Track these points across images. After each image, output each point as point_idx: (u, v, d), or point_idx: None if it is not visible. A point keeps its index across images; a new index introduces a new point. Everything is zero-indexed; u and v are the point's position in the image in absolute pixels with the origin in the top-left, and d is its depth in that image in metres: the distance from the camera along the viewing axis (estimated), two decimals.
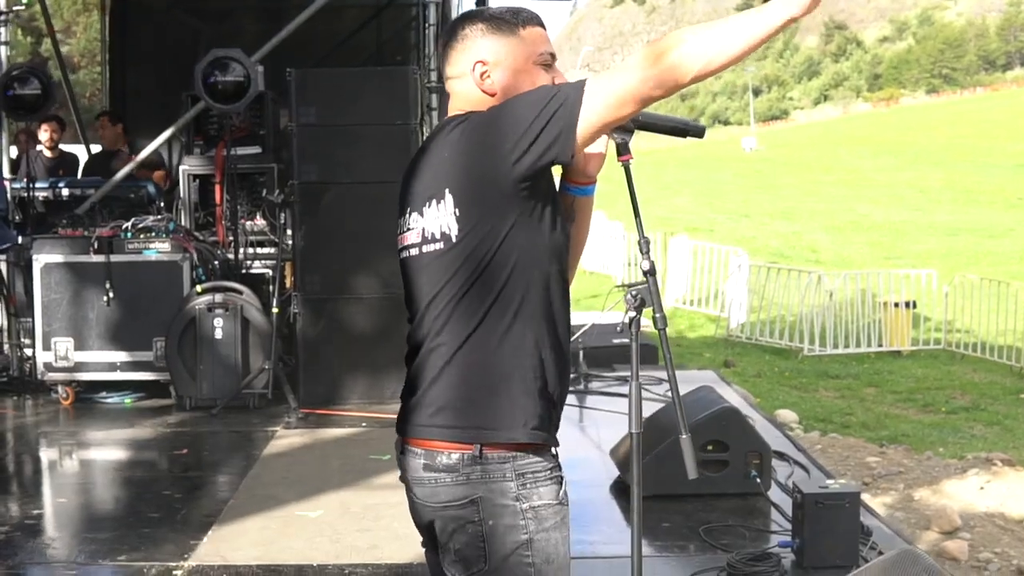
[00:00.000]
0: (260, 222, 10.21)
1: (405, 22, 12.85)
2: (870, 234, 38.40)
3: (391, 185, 9.04)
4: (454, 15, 11.14)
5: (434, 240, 2.99)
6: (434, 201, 2.98)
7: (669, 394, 8.75)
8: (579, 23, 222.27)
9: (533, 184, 2.88)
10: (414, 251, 3.07)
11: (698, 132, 3.22)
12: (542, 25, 3.13)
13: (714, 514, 6.21)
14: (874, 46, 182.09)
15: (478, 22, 3.09)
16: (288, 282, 9.83)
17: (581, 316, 18.50)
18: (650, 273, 3.05)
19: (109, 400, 9.61)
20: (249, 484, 7.15)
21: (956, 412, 15.57)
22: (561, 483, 3.03)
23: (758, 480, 6.52)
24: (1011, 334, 19.04)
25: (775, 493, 6.62)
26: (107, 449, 8.52)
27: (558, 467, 3.04)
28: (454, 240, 2.94)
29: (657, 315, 3.03)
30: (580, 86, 2.81)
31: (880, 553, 5.76)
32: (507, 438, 2.96)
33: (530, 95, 2.89)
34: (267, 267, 10.06)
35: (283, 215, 9.58)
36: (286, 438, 8.36)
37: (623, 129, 3.09)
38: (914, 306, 19.98)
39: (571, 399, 9.91)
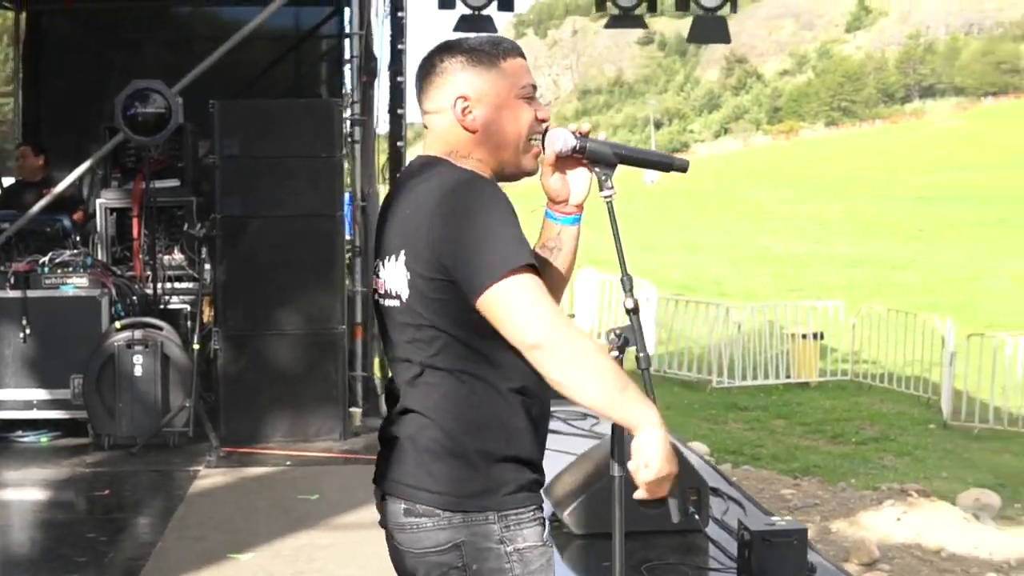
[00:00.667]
0: (178, 256, 10.05)
1: (319, 55, 12.78)
2: (773, 266, 38.88)
3: (316, 218, 9.16)
4: (376, 48, 11.09)
5: (392, 296, 2.95)
6: (393, 256, 2.93)
7: (594, 429, 8.81)
8: None
9: None
10: (382, 301, 3.02)
11: (682, 167, 3.15)
12: (522, 55, 3.05)
13: (654, 551, 6.17)
14: (774, 79, 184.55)
15: (458, 55, 2.98)
16: (206, 317, 9.68)
17: None
18: (634, 312, 2.99)
19: (25, 439, 9.33)
20: (175, 526, 6.99)
21: (866, 443, 15.76)
22: (544, 525, 2.97)
23: (696, 516, 6.50)
24: (918, 364, 19.31)
25: (712, 529, 6.61)
26: (24, 489, 8.30)
27: (541, 509, 2.98)
28: (404, 300, 2.90)
29: (641, 355, 2.95)
30: (523, 283, 2.75)
31: None
32: (481, 506, 2.89)
33: (496, 237, 2.79)
34: (185, 302, 9.86)
35: (204, 249, 9.44)
36: (209, 477, 8.18)
37: (605, 164, 3.06)
38: (821, 337, 20.20)
39: None
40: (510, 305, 2.73)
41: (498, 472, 2.89)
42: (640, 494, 2.81)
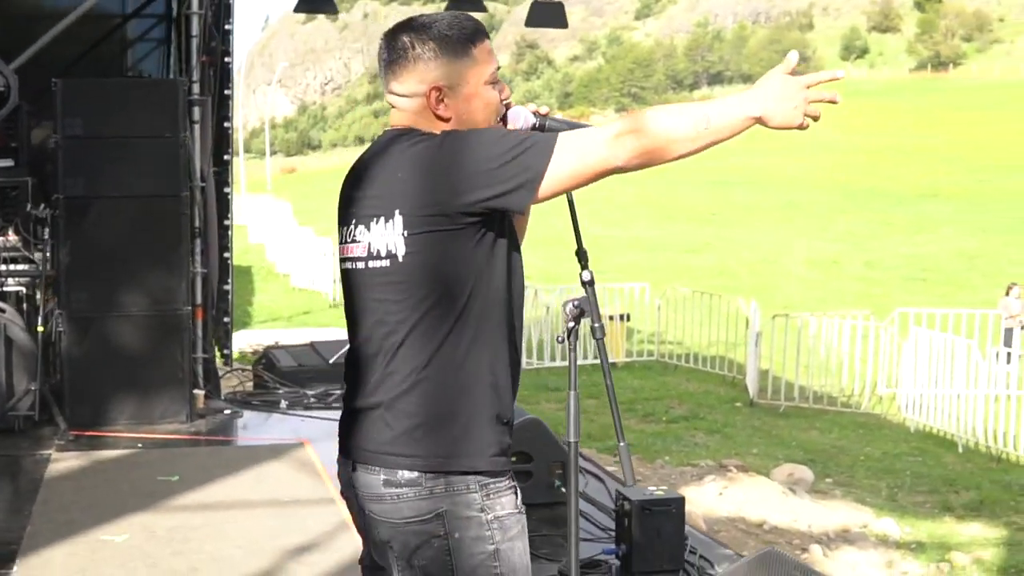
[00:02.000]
0: (12, 238, 9.84)
1: (147, 32, 12.53)
2: (573, 249, 39.33)
3: (160, 199, 9.07)
4: (231, 23, 10.99)
5: (379, 257, 2.93)
6: (382, 219, 2.91)
7: None
8: (271, 39, 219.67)
9: (486, 218, 2.86)
10: (359, 264, 2.99)
11: None
12: (487, 35, 3.07)
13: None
14: (565, 65, 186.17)
15: (429, 42, 2.98)
16: (42, 300, 9.50)
17: (296, 334, 18.51)
18: (589, 284, 3.12)
19: None
20: (40, 510, 6.90)
21: (676, 421, 16.11)
22: (517, 492, 3.04)
23: (563, 490, 6.69)
24: (720, 345, 19.85)
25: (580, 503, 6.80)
26: None
27: (513, 477, 3.05)
28: (400, 260, 2.89)
29: (596, 324, 3.07)
30: (552, 142, 2.80)
31: (701, 557, 6.03)
32: (468, 466, 2.92)
33: (502, 138, 2.85)
34: (21, 284, 9.65)
35: (46, 230, 9.27)
36: (63, 461, 8.08)
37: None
38: (628, 319, 20.59)
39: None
40: (576, 143, 2.81)
41: (483, 432, 2.94)
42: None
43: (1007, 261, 35.67)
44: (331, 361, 10.93)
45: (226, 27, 11.12)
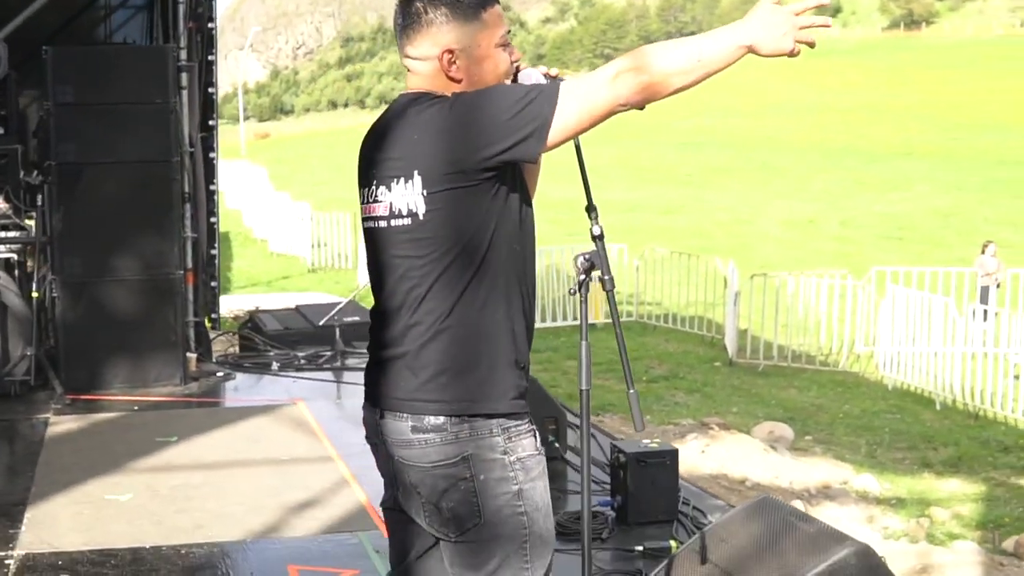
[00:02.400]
0: (3, 205, 9.90)
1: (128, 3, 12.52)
2: (550, 211, 39.37)
3: (151, 164, 9.15)
4: None
5: (401, 216, 3.05)
6: (402, 179, 3.04)
7: None
8: (243, 3, 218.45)
9: (500, 172, 2.98)
10: (382, 223, 3.11)
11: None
12: (497, 0, 3.21)
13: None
14: (537, 27, 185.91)
15: (442, 7, 3.10)
16: (32, 266, 9.58)
17: (276, 298, 18.57)
18: (599, 238, 3.25)
19: None
20: (43, 471, 7.03)
21: (657, 381, 16.23)
22: (536, 435, 3.17)
23: (556, 445, 6.84)
24: (699, 305, 19.96)
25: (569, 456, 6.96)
26: None
27: (532, 421, 3.17)
28: (421, 218, 3.01)
29: (606, 277, 3.20)
30: (556, 89, 2.92)
31: (695, 508, 6.19)
32: (491, 409, 3.05)
33: (508, 92, 2.98)
34: (12, 251, 9.72)
35: (40, 197, 9.35)
36: (61, 424, 8.20)
37: None
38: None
39: (335, 376, 10.14)
40: (580, 87, 2.92)
41: (503, 377, 3.07)
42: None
43: (981, 219, 35.89)
44: (320, 324, 11.05)
45: None
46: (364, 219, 3.21)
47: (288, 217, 28.75)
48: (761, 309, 18.53)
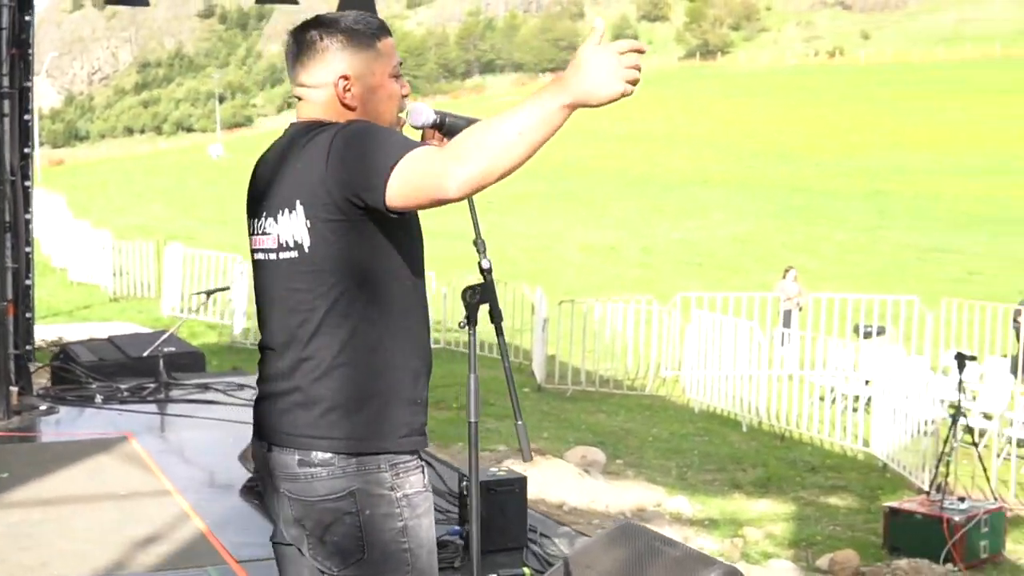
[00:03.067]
0: None
1: None
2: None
3: None
4: (32, 15, 10.83)
5: (288, 248, 3.06)
6: (287, 210, 3.04)
7: (251, 399, 9.07)
8: (38, 28, 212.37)
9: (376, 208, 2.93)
10: (271, 256, 3.11)
11: None
12: (390, 33, 3.25)
13: None
14: None
15: (337, 34, 3.14)
16: None
17: (78, 329, 18.14)
18: (488, 272, 3.31)
19: None
20: None
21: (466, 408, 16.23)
22: (424, 471, 3.15)
23: None
24: (505, 331, 19.98)
25: None
26: None
27: (421, 457, 3.17)
28: (307, 250, 3.01)
29: (495, 311, 3.29)
30: (410, 155, 2.87)
31: (542, 534, 6.31)
32: (380, 447, 3.06)
33: (379, 138, 2.95)
34: None
35: None
36: None
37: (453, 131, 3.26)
38: None
39: (160, 408, 10.04)
40: (412, 168, 2.83)
41: (395, 414, 3.08)
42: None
43: (779, 245, 36.85)
44: (144, 355, 10.94)
45: (26, 18, 10.97)
46: (253, 251, 3.21)
47: (89, 245, 28.11)
48: (569, 335, 18.69)
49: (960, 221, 41.80)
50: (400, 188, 2.84)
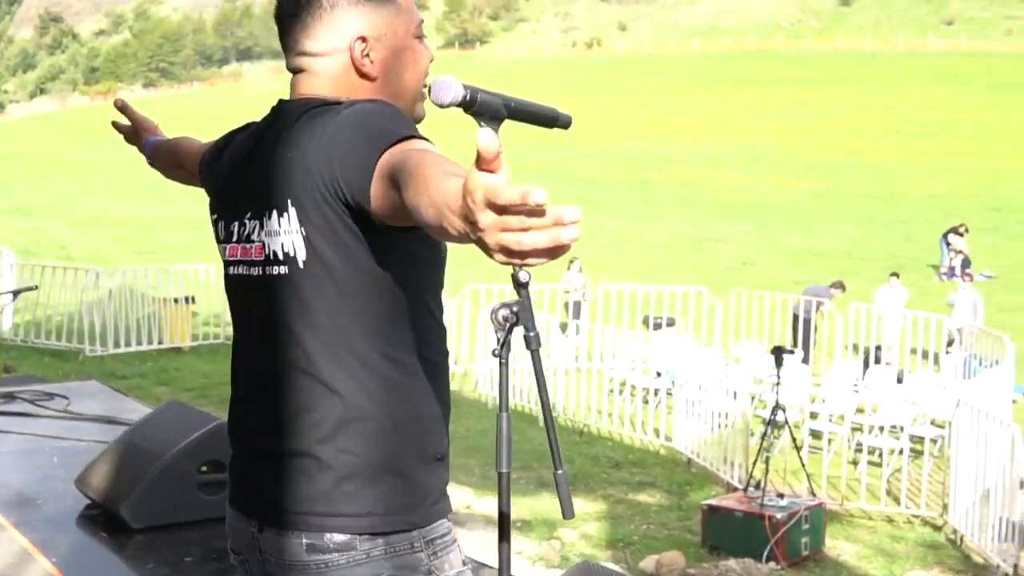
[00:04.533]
0: None
1: None
2: (116, 229, 38.03)
3: None
4: None
5: (276, 262, 2.33)
6: (274, 212, 2.31)
7: (69, 409, 8.21)
8: None
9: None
10: (255, 270, 2.39)
11: (566, 123, 2.70)
12: None
13: (217, 541, 5.80)
14: (90, 39, 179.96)
15: None
16: None
17: None
18: (525, 286, 2.38)
19: None
20: None
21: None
22: (459, 544, 2.51)
23: None
24: None
25: None
26: None
27: (451, 522, 2.52)
28: (301, 265, 2.29)
29: (531, 334, 2.41)
30: (414, 149, 2.11)
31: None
32: (411, 521, 2.37)
33: (388, 121, 2.23)
34: None
35: None
36: None
37: (492, 118, 2.49)
38: (193, 301, 20.03)
39: None
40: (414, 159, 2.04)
41: (425, 476, 2.40)
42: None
43: None
44: None
45: None
46: (228, 263, 2.48)
47: None
48: None
49: (726, 211, 42.54)
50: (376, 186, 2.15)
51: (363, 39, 2.41)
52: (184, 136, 3.14)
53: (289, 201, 2.29)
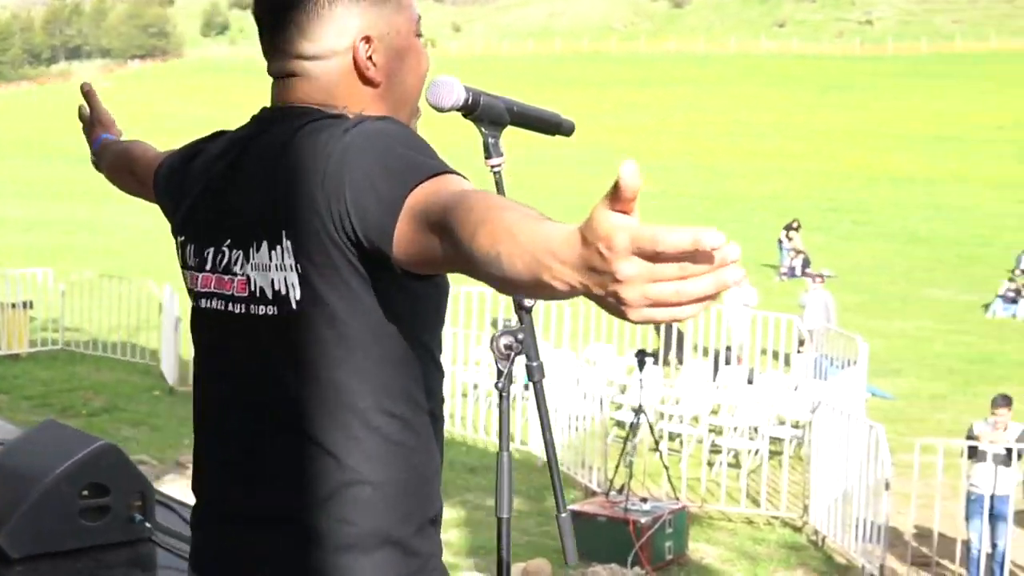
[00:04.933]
0: None
1: None
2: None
3: None
4: None
5: (266, 301, 2.04)
6: (264, 244, 2.02)
7: None
8: None
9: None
10: (236, 307, 2.09)
11: (569, 129, 2.57)
12: None
13: (104, 570, 5.52)
14: None
15: None
16: None
17: None
18: (528, 311, 2.27)
19: None
20: None
21: (98, 414, 15.43)
22: None
23: (147, 524, 5.88)
24: (124, 330, 19.10)
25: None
26: None
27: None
28: (295, 306, 2.00)
29: (534, 364, 2.26)
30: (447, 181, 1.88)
31: None
32: None
33: (407, 150, 1.95)
34: None
35: None
36: None
37: (494, 123, 2.35)
38: (31, 306, 19.47)
39: None
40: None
41: (422, 543, 2.14)
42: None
43: None
44: None
45: None
46: (199, 294, 2.18)
47: None
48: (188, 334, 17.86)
49: (558, 214, 42.05)
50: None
51: (367, 39, 2.14)
52: (137, 140, 2.85)
53: (284, 233, 2.00)
